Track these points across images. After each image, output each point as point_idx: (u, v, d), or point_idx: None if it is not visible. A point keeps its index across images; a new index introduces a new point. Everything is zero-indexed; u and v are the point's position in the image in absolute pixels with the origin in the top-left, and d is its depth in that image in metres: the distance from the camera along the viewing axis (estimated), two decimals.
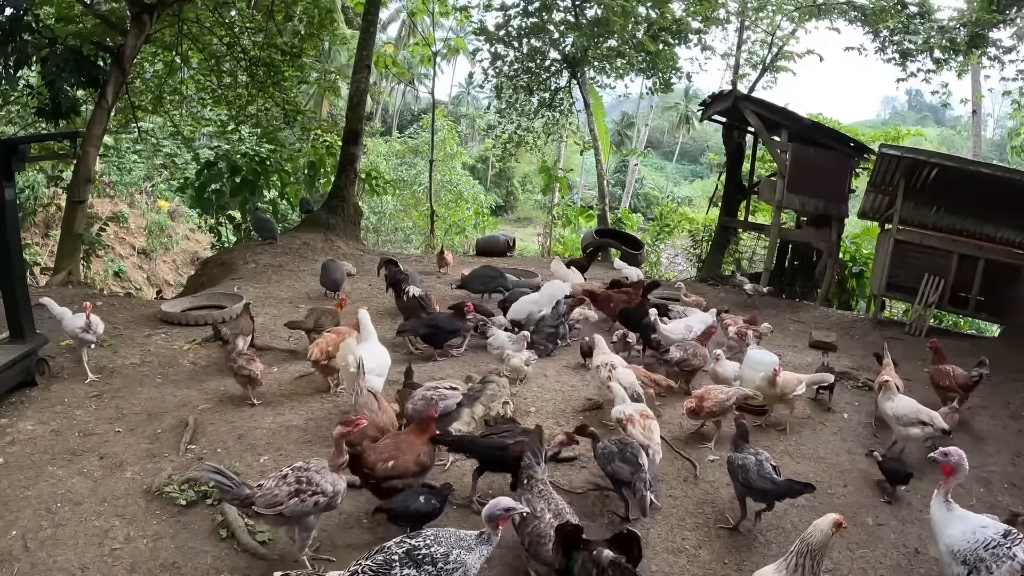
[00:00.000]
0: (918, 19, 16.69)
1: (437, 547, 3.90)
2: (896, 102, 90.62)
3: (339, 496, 4.62)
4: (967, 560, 4.44)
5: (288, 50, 17.73)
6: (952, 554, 4.51)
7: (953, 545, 4.52)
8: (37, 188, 21.51)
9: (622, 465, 5.26)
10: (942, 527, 4.64)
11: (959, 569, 4.48)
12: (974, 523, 4.60)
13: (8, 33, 11.64)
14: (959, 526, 4.58)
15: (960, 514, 4.70)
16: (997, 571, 4.39)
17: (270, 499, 4.39)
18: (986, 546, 4.43)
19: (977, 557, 4.42)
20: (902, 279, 12.71)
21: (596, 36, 19.78)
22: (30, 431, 6.15)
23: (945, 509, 4.68)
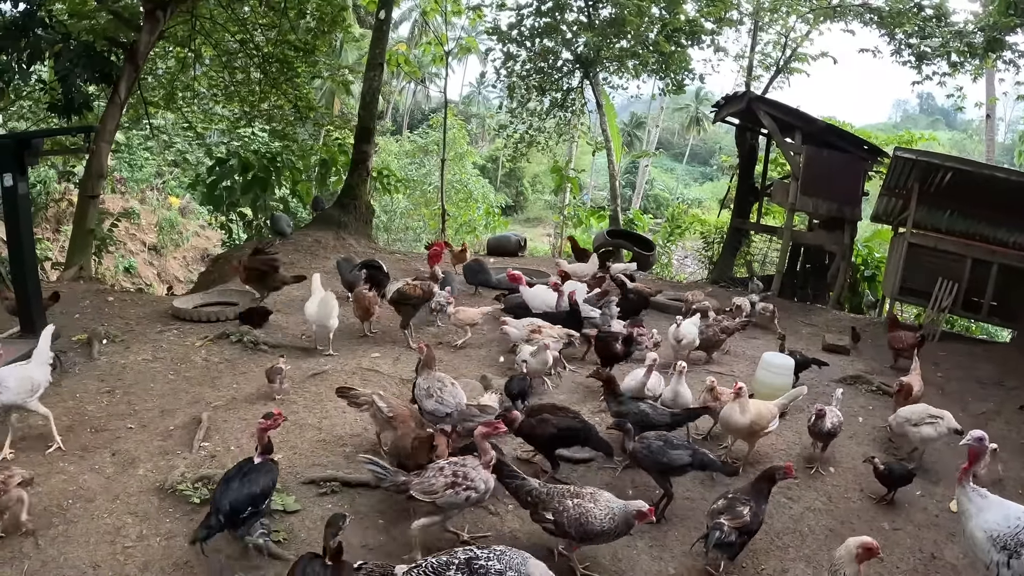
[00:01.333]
0: (934, 22, 16.61)
1: (496, 563, 3.90)
2: (908, 105, 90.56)
3: (488, 493, 4.86)
4: (1008, 545, 4.43)
5: (301, 46, 17.73)
6: (991, 540, 4.47)
7: (993, 531, 4.49)
8: (49, 183, 21.57)
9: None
10: (977, 513, 4.60)
11: (998, 556, 4.46)
12: (1014, 509, 4.60)
13: (21, 28, 11.64)
14: (998, 511, 4.57)
15: (996, 500, 4.69)
16: None
17: (427, 487, 4.71)
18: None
19: (1019, 542, 4.42)
20: (915, 283, 12.67)
21: (609, 36, 19.73)
22: (41, 427, 6.13)
23: (978, 496, 4.66)
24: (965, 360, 10.70)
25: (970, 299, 12.49)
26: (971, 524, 4.60)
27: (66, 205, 21.60)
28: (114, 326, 9.12)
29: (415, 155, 37.16)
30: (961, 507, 4.74)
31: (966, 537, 4.71)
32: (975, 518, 4.58)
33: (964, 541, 4.83)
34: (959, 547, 5.51)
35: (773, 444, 6.91)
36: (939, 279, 12.22)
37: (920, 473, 6.42)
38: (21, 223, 7.34)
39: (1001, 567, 4.45)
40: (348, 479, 5.51)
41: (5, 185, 7.15)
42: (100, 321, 9.24)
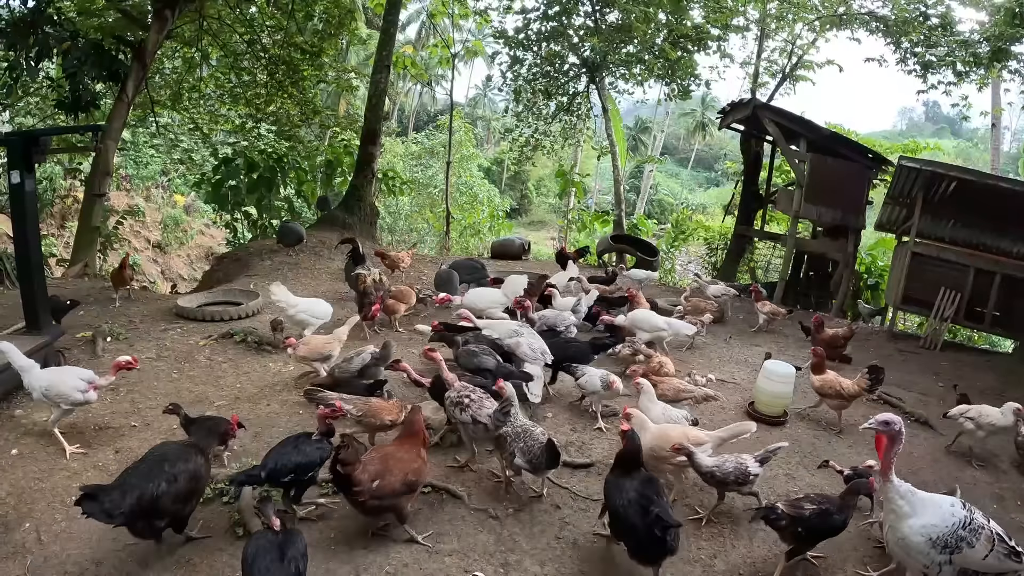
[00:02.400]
0: (940, 31, 16.62)
1: None
2: (913, 113, 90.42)
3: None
4: (948, 544, 4.38)
5: (308, 49, 17.78)
6: (931, 542, 4.40)
7: (932, 532, 4.41)
8: (55, 180, 21.62)
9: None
10: (912, 514, 4.49)
11: (940, 556, 4.40)
12: (946, 504, 4.55)
13: (30, 25, 11.70)
14: (934, 511, 4.50)
15: (926, 497, 4.61)
16: (977, 544, 4.40)
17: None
18: (964, 525, 4.41)
19: (958, 538, 4.38)
20: (918, 292, 12.65)
21: (616, 42, 19.76)
22: (44, 423, 6.16)
23: (909, 494, 4.55)
24: (967, 370, 10.70)
25: (973, 309, 12.48)
26: (905, 527, 4.49)
27: (72, 202, 21.65)
28: (118, 324, 9.16)
29: (421, 157, 37.21)
30: (889, 506, 4.59)
31: (897, 539, 4.55)
32: (909, 519, 4.49)
33: (893, 543, 4.63)
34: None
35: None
36: (942, 289, 12.23)
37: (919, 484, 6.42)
38: (27, 220, 7.35)
39: (943, 566, 4.43)
40: None
41: (12, 182, 7.17)
42: (104, 319, 9.28)
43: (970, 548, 4.38)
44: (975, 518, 4.48)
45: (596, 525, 5.29)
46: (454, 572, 4.66)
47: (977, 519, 4.48)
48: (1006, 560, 4.47)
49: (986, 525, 4.48)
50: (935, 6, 16.58)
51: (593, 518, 5.37)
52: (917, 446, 7.32)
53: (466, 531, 5.11)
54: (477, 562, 4.77)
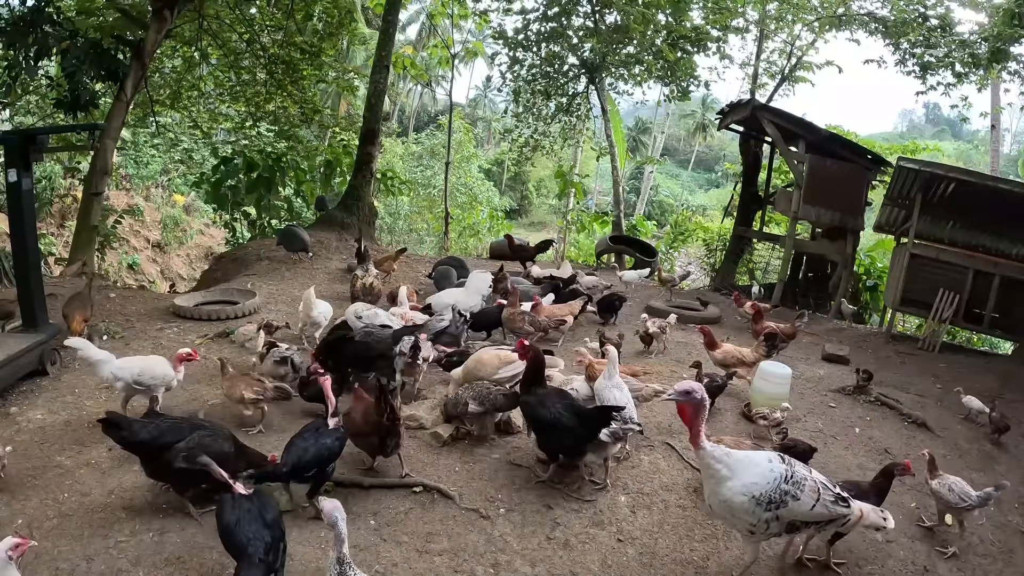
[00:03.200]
0: (939, 32, 16.62)
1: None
2: (914, 115, 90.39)
3: None
4: (773, 499, 4.39)
5: (307, 49, 17.79)
6: (755, 500, 4.39)
7: (754, 491, 4.40)
8: (54, 179, 21.65)
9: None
10: (731, 476, 4.46)
11: (766, 514, 4.41)
12: (763, 463, 4.54)
13: (29, 24, 11.69)
14: (752, 469, 4.49)
15: (743, 457, 4.61)
16: (802, 495, 4.42)
17: None
18: (786, 479, 4.43)
19: (782, 492, 4.40)
20: (917, 294, 12.63)
21: (615, 43, 19.77)
22: (40, 420, 6.16)
23: (727, 457, 4.53)
24: (965, 372, 10.68)
25: (972, 311, 12.47)
26: (726, 489, 4.45)
27: (71, 201, 21.69)
28: (115, 322, 9.17)
29: (421, 157, 37.23)
30: (707, 472, 4.55)
31: (720, 503, 4.51)
32: (729, 481, 4.45)
33: (716, 507, 4.59)
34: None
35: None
36: (941, 290, 12.22)
37: (911, 487, 6.42)
38: (25, 219, 7.36)
39: (771, 523, 4.44)
40: (341, 479, 5.52)
41: (10, 181, 7.19)
42: (101, 317, 9.28)
43: (795, 501, 4.41)
44: (796, 470, 4.51)
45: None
46: (444, 572, 4.66)
47: (798, 471, 4.51)
48: (834, 507, 4.51)
49: (808, 476, 4.52)
50: (934, 7, 16.59)
51: (586, 519, 5.38)
52: (915, 448, 7.29)
53: (457, 531, 5.11)
54: (467, 562, 4.76)
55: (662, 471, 6.15)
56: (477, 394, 6.30)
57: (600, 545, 5.12)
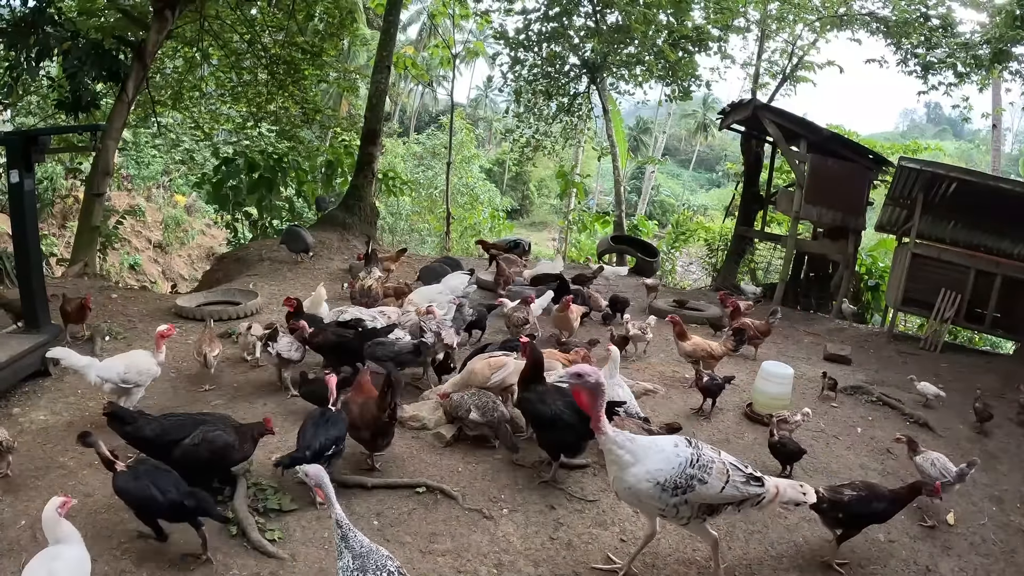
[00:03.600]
0: (940, 32, 16.61)
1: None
2: (915, 114, 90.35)
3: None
4: (679, 484, 4.36)
5: (309, 49, 17.79)
6: (660, 486, 4.36)
7: (658, 476, 4.37)
8: (55, 179, 21.66)
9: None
10: (635, 462, 4.43)
11: (673, 499, 4.39)
12: (667, 447, 4.51)
13: (30, 25, 11.71)
14: (656, 456, 4.45)
15: (647, 442, 4.60)
16: (710, 478, 4.39)
17: None
18: (692, 463, 4.40)
19: (688, 476, 4.37)
20: (918, 293, 12.63)
21: (616, 43, 19.76)
22: (42, 421, 6.17)
23: (628, 442, 4.50)
24: (966, 372, 10.69)
25: (973, 311, 12.47)
26: (630, 476, 4.42)
27: (72, 201, 21.70)
28: (117, 323, 9.18)
29: (422, 158, 37.24)
30: (610, 458, 4.52)
31: (625, 489, 4.48)
32: (633, 467, 4.43)
33: (622, 494, 4.59)
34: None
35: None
36: (942, 290, 12.21)
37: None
38: (27, 219, 7.36)
39: (680, 507, 4.41)
40: (344, 480, 5.52)
41: (11, 181, 7.19)
42: (103, 318, 9.29)
43: (703, 484, 4.38)
44: (703, 453, 4.48)
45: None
46: (447, 572, 4.66)
47: (706, 453, 4.49)
48: (746, 487, 4.49)
49: (717, 458, 4.49)
50: (936, 7, 16.58)
51: (588, 519, 5.39)
52: None
53: (460, 531, 5.11)
54: (471, 562, 4.77)
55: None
56: (482, 404, 6.30)
57: (603, 545, 5.12)
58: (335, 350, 7.34)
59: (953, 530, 5.82)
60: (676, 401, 8.03)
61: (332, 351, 7.37)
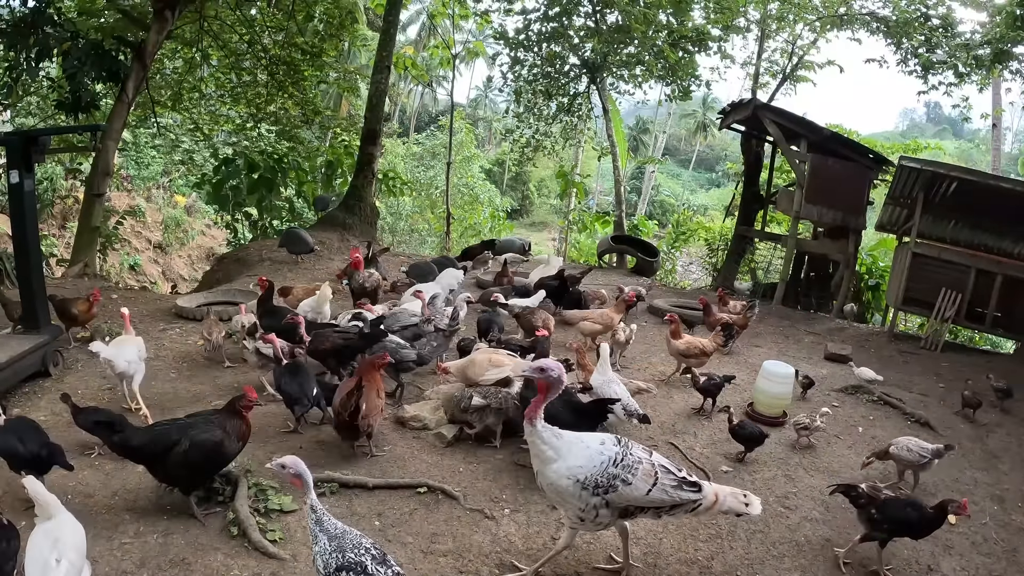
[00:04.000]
0: (941, 32, 16.61)
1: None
2: (915, 114, 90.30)
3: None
4: (600, 484, 4.26)
5: (308, 50, 17.79)
6: (580, 484, 4.26)
7: (579, 474, 4.27)
8: (55, 180, 21.68)
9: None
10: (556, 459, 4.34)
11: (593, 499, 4.28)
12: (593, 444, 4.42)
13: (30, 25, 11.71)
14: (580, 453, 4.36)
15: (573, 439, 4.46)
16: (635, 480, 4.29)
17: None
18: (616, 462, 4.30)
19: (610, 476, 4.26)
20: (919, 293, 12.61)
21: (616, 43, 19.75)
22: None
23: (555, 438, 4.40)
24: (968, 371, 10.66)
25: (974, 310, 12.46)
26: (551, 471, 4.34)
27: (72, 202, 21.71)
28: (117, 323, 9.15)
29: (422, 158, 37.25)
30: (535, 451, 4.44)
31: (547, 485, 4.41)
32: (555, 463, 4.33)
33: (546, 489, 4.50)
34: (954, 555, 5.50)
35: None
36: (943, 289, 12.20)
37: (916, 488, 6.42)
38: (27, 219, 7.37)
39: (600, 509, 4.30)
40: (346, 480, 5.52)
41: (11, 182, 7.19)
42: (103, 318, 9.27)
43: (626, 485, 4.27)
44: (631, 453, 4.38)
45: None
46: (449, 572, 4.65)
47: (634, 453, 4.38)
48: (677, 491, 4.39)
49: (646, 459, 4.39)
50: (936, 7, 16.57)
51: None
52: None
53: (462, 531, 5.11)
54: (472, 562, 4.76)
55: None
56: (483, 391, 6.39)
57: (605, 546, 5.11)
58: (339, 354, 7.25)
59: (955, 529, 5.81)
60: (677, 401, 8.03)
61: (335, 355, 7.26)
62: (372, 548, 3.76)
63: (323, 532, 3.77)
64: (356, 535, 3.80)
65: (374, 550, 3.75)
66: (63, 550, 3.81)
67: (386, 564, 3.74)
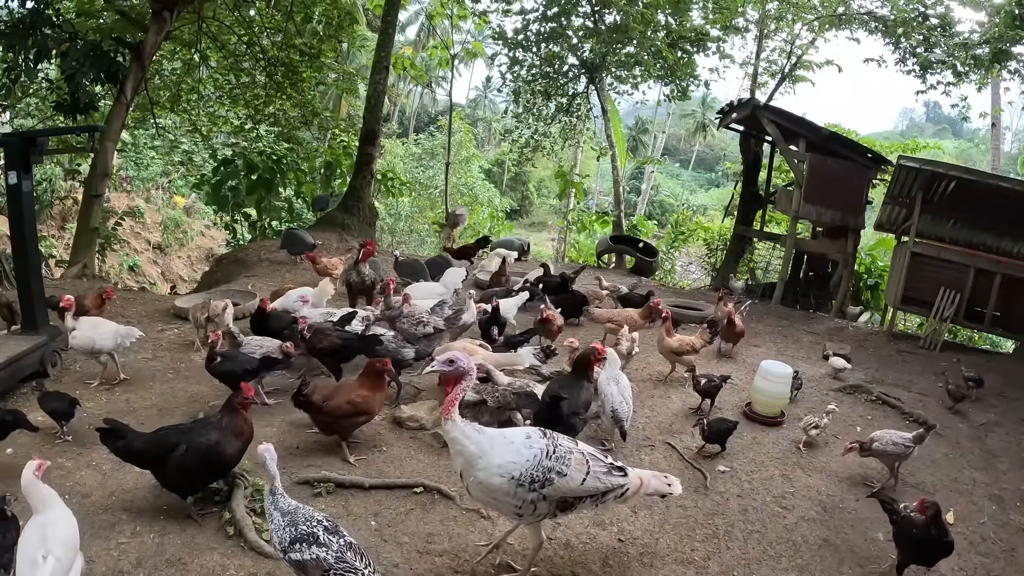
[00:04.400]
0: (939, 31, 16.62)
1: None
2: (914, 114, 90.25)
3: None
4: (535, 478, 4.15)
5: (307, 51, 17.79)
6: (515, 481, 4.13)
7: (512, 470, 4.14)
8: (54, 181, 21.69)
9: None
10: (481, 456, 4.18)
11: (530, 495, 4.17)
12: (518, 439, 4.31)
13: (29, 26, 11.71)
14: (506, 448, 4.23)
15: (495, 434, 4.38)
16: (569, 470, 4.24)
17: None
18: (548, 455, 4.22)
19: (545, 470, 4.17)
20: (918, 292, 12.60)
21: (615, 43, 19.76)
22: (40, 422, 6.13)
23: (476, 433, 4.25)
24: (967, 370, 10.66)
25: (973, 309, 12.45)
26: (479, 470, 4.16)
27: (71, 203, 21.71)
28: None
29: (421, 158, 37.26)
30: (455, 448, 4.24)
31: (476, 484, 4.22)
32: (481, 460, 4.16)
33: (473, 490, 4.31)
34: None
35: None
36: (942, 289, 12.19)
37: (912, 486, 6.42)
38: (25, 221, 7.36)
39: (538, 503, 4.21)
40: (342, 480, 5.52)
41: (10, 183, 7.19)
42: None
43: (562, 477, 4.21)
44: (560, 443, 4.32)
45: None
46: (445, 572, 4.66)
47: (562, 444, 4.32)
48: (608, 477, 4.39)
49: (575, 448, 4.36)
50: (934, 6, 16.58)
51: (586, 519, 5.37)
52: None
53: (457, 531, 5.11)
54: (468, 562, 4.76)
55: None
56: (480, 388, 6.44)
57: (601, 545, 5.12)
58: (337, 353, 7.22)
59: (953, 529, 5.80)
60: (675, 401, 8.02)
61: (334, 354, 7.22)
62: (324, 520, 3.92)
63: (276, 510, 3.96)
64: (308, 510, 3.97)
65: (326, 522, 3.91)
66: (50, 546, 3.80)
67: (337, 534, 3.88)
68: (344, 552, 3.83)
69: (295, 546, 3.79)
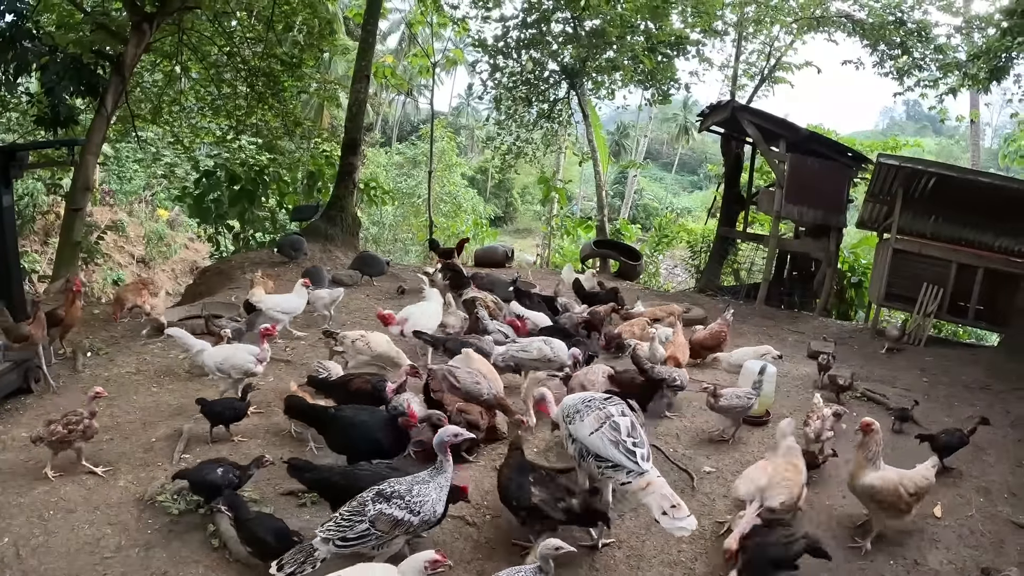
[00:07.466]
0: (915, 36, 16.74)
1: (400, 486, 4.44)
2: (894, 112, 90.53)
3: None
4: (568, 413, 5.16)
5: (288, 60, 17.73)
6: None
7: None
8: (36, 195, 21.50)
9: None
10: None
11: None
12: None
13: (8, 40, 11.63)
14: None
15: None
16: (586, 418, 4.97)
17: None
18: (586, 401, 5.17)
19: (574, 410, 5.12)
20: (901, 288, 12.71)
21: (594, 48, 19.80)
22: (24, 438, 6.11)
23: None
24: (952, 365, 10.73)
25: (956, 304, 12.54)
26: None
27: (54, 218, 21.52)
28: (99, 338, 9.12)
29: (404, 167, 37.25)
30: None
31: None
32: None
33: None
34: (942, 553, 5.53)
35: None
36: (924, 284, 12.27)
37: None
38: (6, 235, 7.34)
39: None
40: None
41: None
42: (85, 333, 9.23)
43: (581, 421, 4.95)
44: (595, 399, 5.14)
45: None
46: None
47: (597, 401, 5.10)
48: (611, 448, 4.71)
49: (606, 408, 4.94)
50: (910, 12, 16.70)
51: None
52: (901, 443, 7.32)
53: (443, 538, 5.10)
54: (454, 570, 4.74)
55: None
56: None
57: (588, 550, 5.10)
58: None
59: (941, 522, 5.84)
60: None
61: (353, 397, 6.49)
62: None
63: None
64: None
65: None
66: None
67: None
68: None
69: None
